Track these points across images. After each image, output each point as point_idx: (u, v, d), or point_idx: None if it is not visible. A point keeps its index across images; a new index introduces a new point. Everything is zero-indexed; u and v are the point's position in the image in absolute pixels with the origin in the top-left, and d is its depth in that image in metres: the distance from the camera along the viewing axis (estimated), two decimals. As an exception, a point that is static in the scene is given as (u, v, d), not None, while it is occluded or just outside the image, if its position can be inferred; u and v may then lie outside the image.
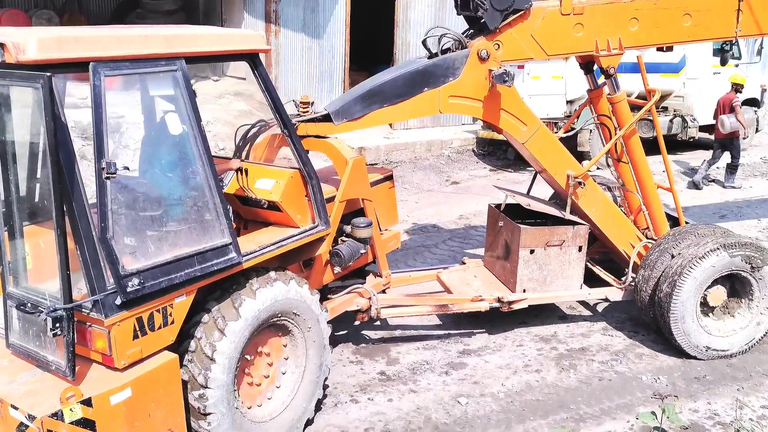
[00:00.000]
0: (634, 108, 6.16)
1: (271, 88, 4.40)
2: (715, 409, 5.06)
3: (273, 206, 4.60)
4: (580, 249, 5.89)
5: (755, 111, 13.76)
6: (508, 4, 5.22)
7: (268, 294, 4.20)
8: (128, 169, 3.48)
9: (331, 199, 5.02)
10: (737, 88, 11.10)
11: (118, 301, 3.45)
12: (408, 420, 4.83)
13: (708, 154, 12.02)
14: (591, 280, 6.21)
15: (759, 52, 14.16)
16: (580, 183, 5.75)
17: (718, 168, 11.97)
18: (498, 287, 6.01)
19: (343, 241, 5.25)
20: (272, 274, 4.31)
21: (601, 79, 6.04)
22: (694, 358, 5.67)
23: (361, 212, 5.47)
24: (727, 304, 5.76)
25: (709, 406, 5.11)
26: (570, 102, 12.38)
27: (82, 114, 9.37)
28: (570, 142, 10.43)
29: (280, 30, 14.26)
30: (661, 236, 5.97)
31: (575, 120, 7.05)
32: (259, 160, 5.33)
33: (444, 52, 5.35)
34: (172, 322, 3.78)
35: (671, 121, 13.27)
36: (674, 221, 6.31)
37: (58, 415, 3.31)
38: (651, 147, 7.04)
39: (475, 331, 6.11)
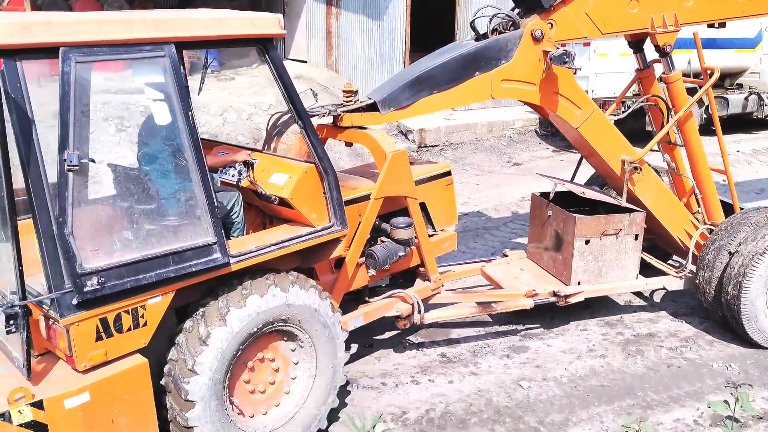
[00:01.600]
0: (690, 88, 5.89)
1: (285, 76, 4.07)
2: (792, 398, 4.85)
3: (285, 203, 4.28)
4: (636, 237, 5.65)
5: None
6: None
7: (260, 301, 3.87)
8: (93, 161, 3.22)
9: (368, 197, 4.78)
10: None
11: (75, 301, 3.24)
12: (469, 402, 4.82)
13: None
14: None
15: None
16: (636, 168, 5.52)
17: None
18: (549, 280, 5.79)
19: (383, 241, 4.97)
20: (269, 277, 3.98)
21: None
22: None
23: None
24: None
25: (784, 394, 4.90)
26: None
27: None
28: (636, 123, 10.11)
29: (340, 12, 14.30)
30: (714, 231, 5.69)
31: (622, 100, 6.75)
32: (301, 151, 5.14)
33: (493, 33, 5.11)
34: (145, 324, 3.54)
35: (746, 98, 12.66)
36: (728, 206, 6.03)
37: (5, 417, 3.12)
38: (729, 126, 6.72)
39: (537, 314, 6.01)
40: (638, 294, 6.46)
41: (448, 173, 5.57)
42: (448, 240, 5.57)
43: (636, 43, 5.88)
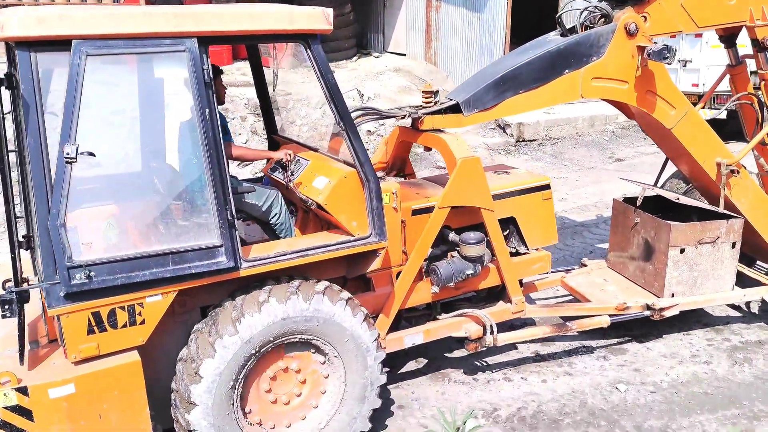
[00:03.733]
0: None
1: (328, 75, 3.83)
2: None
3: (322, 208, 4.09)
4: (733, 245, 5.27)
5: None
6: None
7: (274, 311, 3.68)
8: (93, 155, 3.14)
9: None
10: None
11: (63, 293, 3.23)
12: (562, 402, 4.75)
13: None
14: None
15: None
16: (733, 171, 5.16)
17: None
18: (638, 292, 5.43)
19: (452, 257, 4.71)
20: (293, 284, 3.82)
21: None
22: None
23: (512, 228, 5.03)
24: None
25: None
26: (753, 73, 11.43)
27: (251, 92, 9.98)
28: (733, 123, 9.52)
29: (440, 5, 14.28)
30: None
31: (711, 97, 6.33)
32: (387, 155, 5.01)
33: (581, 28, 4.87)
34: (143, 322, 3.47)
35: None
36: None
37: None
38: None
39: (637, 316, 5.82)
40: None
41: (547, 186, 5.15)
42: (538, 261, 5.14)
43: (728, 37, 5.52)
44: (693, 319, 5.79)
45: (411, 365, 5.20)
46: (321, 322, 3.84)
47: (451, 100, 4.72)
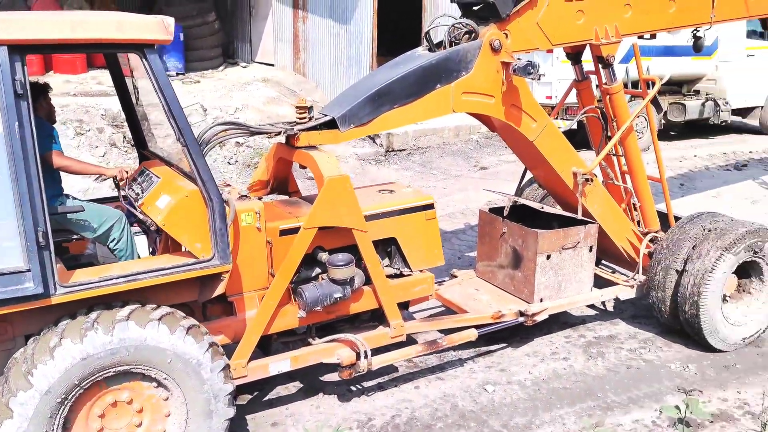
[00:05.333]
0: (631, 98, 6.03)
1: (167, 88, 3.65)
2: (745, 399, 4.99)
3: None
4: (591, 249, 5.68)
5: None
6: None
7: (70, 353, 3.37)
8: None
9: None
10: None
11: None
12: (434, 407, 4.87)
13: (740, 138, 11.76)
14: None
15: None
16: (588, 180, 5.56)
17: None
18: (509, 300, 5.58)
19: (323, 279, 4.53)
20: (90, 318, 3.51)
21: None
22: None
23: (394, 250, 4.94)
24: (739, 284, 5.74)
25: (738, 395, 5.04)
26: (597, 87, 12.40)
27: (112, 102, 9.51)
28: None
29: (307, 16, 14.29)
30: (656, 249, 5.81)
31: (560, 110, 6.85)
32: (267, 173, 4.95)
33: (449, 44, 4.98)
34: None
35: (703, 104, 13.04)
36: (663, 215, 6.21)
37: None
38: (687, 131, 6.85)
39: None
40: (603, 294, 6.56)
41: (430, 206, 5.01)
42: (421, 283, 4.98)
43: (574, 54, 6.00)
44: (553, 319, 6.13)
45: (284, 380, 5.12)
46: (132, 350, 3.55)
47: (326, 115, 4.61)
